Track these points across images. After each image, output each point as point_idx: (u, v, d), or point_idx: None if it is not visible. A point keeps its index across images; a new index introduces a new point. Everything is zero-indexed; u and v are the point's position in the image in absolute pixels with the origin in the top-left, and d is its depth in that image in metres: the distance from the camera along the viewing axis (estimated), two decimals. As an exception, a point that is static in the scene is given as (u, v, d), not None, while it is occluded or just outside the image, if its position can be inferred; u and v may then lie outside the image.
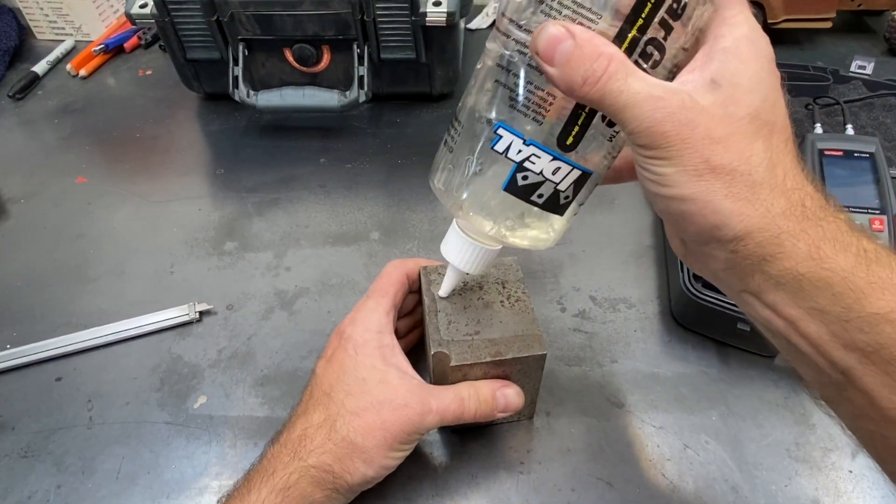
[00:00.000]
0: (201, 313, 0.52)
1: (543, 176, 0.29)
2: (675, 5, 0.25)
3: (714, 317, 0.46)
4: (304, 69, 0.70)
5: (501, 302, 0.42)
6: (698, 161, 0.24)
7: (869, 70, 0.72)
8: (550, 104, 0.27)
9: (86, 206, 0.64)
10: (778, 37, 0.84)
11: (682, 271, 0.48)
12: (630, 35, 0.25)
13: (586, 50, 0.24)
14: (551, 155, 0.28)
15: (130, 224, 0.62)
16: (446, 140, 0.31)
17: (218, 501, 0.36)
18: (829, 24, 0.81)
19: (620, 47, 0.25)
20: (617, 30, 0.25)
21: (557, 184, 0.29)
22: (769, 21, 0.80)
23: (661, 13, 0.25)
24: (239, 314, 0.53)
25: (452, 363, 0.38)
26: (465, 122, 0.30)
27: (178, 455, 0.43)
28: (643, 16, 0.25)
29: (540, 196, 0.29)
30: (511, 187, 0.29)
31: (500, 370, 0.39)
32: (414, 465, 0.42)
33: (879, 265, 0.24)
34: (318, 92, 0.68)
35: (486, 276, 0.43)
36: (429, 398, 0.37)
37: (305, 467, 0.35)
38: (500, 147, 0.28)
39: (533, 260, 0.56)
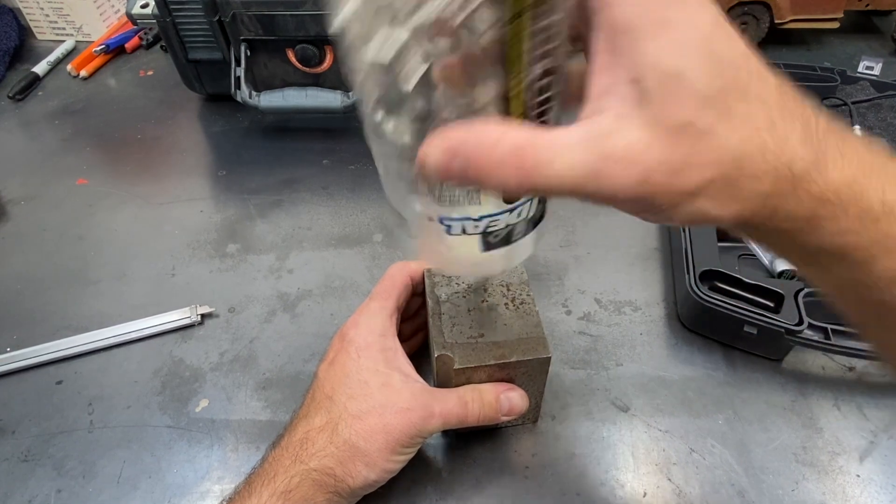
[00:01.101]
0: (203, 316, 0.52)
1: (509, 225, 0.28)
2: (544, 26, 0.20)
3: (720, 320, 0.46)
4: (307, 70, 0.70)
5: (506, 304, 0.41)
6: (683, 202, 0.20)
7: (877, 71, 0.71)
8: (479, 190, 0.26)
9: (86, 208, 0.64)
10: (785, 37, 0.84)
11: (688, 273, 0.47)
12: (514, 91, 0.21)
13: (484, 156, 0.20)
14: (508, 210, 0.27)
15: (131, 226, 0.62)
16: (408, 223, 0.29)
17: (219, 505, 0.36)
18: (836, 25, 0.80)
19: (510, 111, 0.21)
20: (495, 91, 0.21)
21: (527, 217, 0.28)
22: (776, 21, 0.80)
23: (538, 51, 0.21)
24: (241, 317, 0.52)
25: (456, 366, 0.38)
26: (410, 219, 0.28)
27: (180, 459, 0.43)
28: (520, 63, 0.21)
29: (518, 234, 0.29)
30: (488, 248, 0.29)
31: (505, 373, 0.39)
32: (418, 469, 0.41)
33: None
34: (321, 93, 0.68)
35: (491, 279, 0.43)
36: (432, 401, 0.37)
37: (307, 471, 0.34)
38: (456, 232, 0.28)
39: (538, 262, 0.56)
